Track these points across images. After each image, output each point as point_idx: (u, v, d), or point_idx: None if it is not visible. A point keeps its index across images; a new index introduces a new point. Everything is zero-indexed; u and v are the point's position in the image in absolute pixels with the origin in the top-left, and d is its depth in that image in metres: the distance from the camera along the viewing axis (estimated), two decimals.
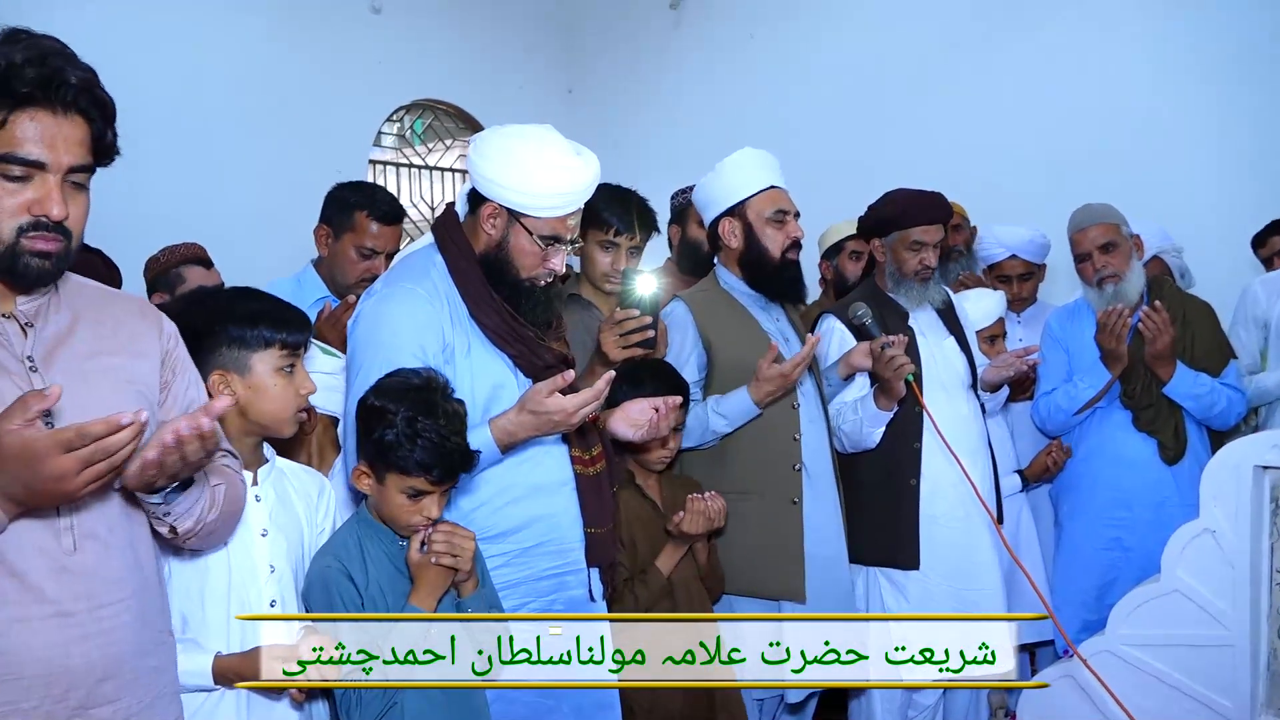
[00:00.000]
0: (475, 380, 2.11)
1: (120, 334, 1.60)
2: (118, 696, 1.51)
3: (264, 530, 1.92)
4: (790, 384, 2.66)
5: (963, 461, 2.79)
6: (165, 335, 1.67)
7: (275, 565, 1.92)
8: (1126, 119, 4.43)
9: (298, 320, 1.99)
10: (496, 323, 2.14)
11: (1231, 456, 2.46)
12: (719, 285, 2.91)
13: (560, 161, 2.11)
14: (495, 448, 2.05)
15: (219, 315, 1.92)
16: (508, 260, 2.15)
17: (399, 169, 5.86)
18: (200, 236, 3.45)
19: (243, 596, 1.87)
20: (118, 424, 1.29)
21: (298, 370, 1.96)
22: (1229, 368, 3.25)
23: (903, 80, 5.06)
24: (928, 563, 2.92)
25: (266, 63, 4.84)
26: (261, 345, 1.91)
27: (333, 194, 2.99)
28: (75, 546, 1.48)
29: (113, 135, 1.52)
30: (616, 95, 6.16)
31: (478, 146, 2.17)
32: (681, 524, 2.50)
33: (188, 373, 1.69)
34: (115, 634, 1.51)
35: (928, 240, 3.05)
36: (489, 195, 2.14)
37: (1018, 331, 3.84)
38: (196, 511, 1.60)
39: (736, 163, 2.85)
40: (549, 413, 1.99)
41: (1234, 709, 2.40)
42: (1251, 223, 3.94)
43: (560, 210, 2.13)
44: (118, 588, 1.53)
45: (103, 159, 1.53)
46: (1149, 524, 3.11)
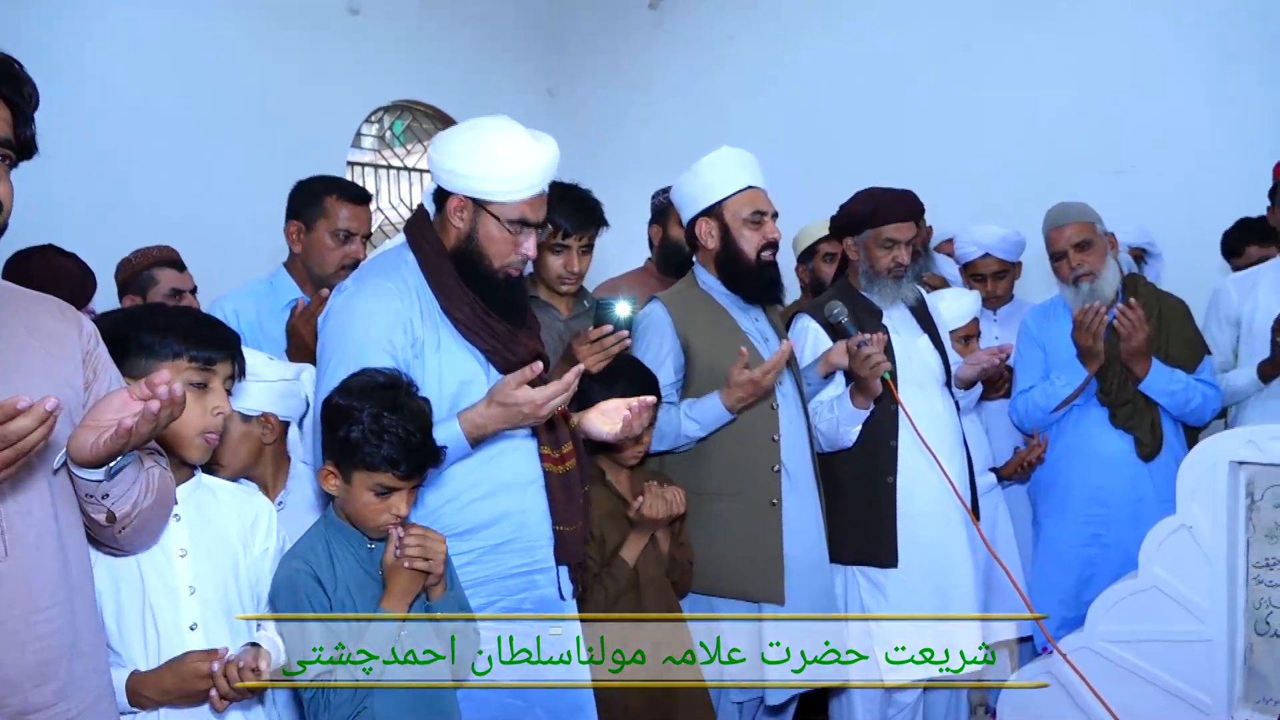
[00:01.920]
0: (444, 375, 2.11)
1: (43, 335, 1.57)
2: (55, 701, 1.50)
3: (183, 550, 1.84)
4: (763, 390, 2.64)
5: (939, 459, 2.79)
6: (85, 335, 1.64)
7: (196, 587, 1.85)
8: (1104, 119, 4.46)
9: (218, 339, 1.92)
10: (468, 315, 2.14)
11: (1207, 452, 2.47)
12: (697, 285, 2.89)
13: (519, 144, 2.13)
14: (464, 441, 2.04)
15: (133, 324, 1.87)
16: (479, 251, 2.15)
17: (378, 170, 5.85)
18: (178, 238, 3.43)
19: (161, 618, 1.81)
20: (13, 408, 1.26)
21: (212, 390, 1.88)
22: (1204, 364, 3.26)
23: (882, 82, 5.08)
24: (906, 560, 2.92)
25: (244, 65, 4.81)
26: (169, 357, 1.84)
27: (296, 190, 2.98)
28: (6, 552, 1.45)
29: (31, 129, 1.50)
30: (597, 96, 6.16)
31: (437, 144, 2.19)
32: (641, 508, 2.50)
33: (109, 372, 1.66)
34: (50, 639, 1.49)
35: (900, 238, 3.05)
36: (453, 189, 2.15)
37: (994, 330, 3.85)
38: (134, 494, 1.58)
39: (714, 162, 2.82)
40: (518, 404, 2.00)
41: (1211, 703, 2.42)
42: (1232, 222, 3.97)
43: (525, 193, 2.13)
44: (51, 593, 1.50)
45: (23, 152, 1.51)
46: (1126, 520, 3.12)
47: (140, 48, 4.46)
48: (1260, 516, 2.42)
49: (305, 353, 2.61)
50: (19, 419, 1.27)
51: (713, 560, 2.71)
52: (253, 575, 1.95)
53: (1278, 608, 2.39)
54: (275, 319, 2.82)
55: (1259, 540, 2.42)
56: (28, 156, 1.52)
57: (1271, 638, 2.39)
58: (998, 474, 3.50)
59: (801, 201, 3.62)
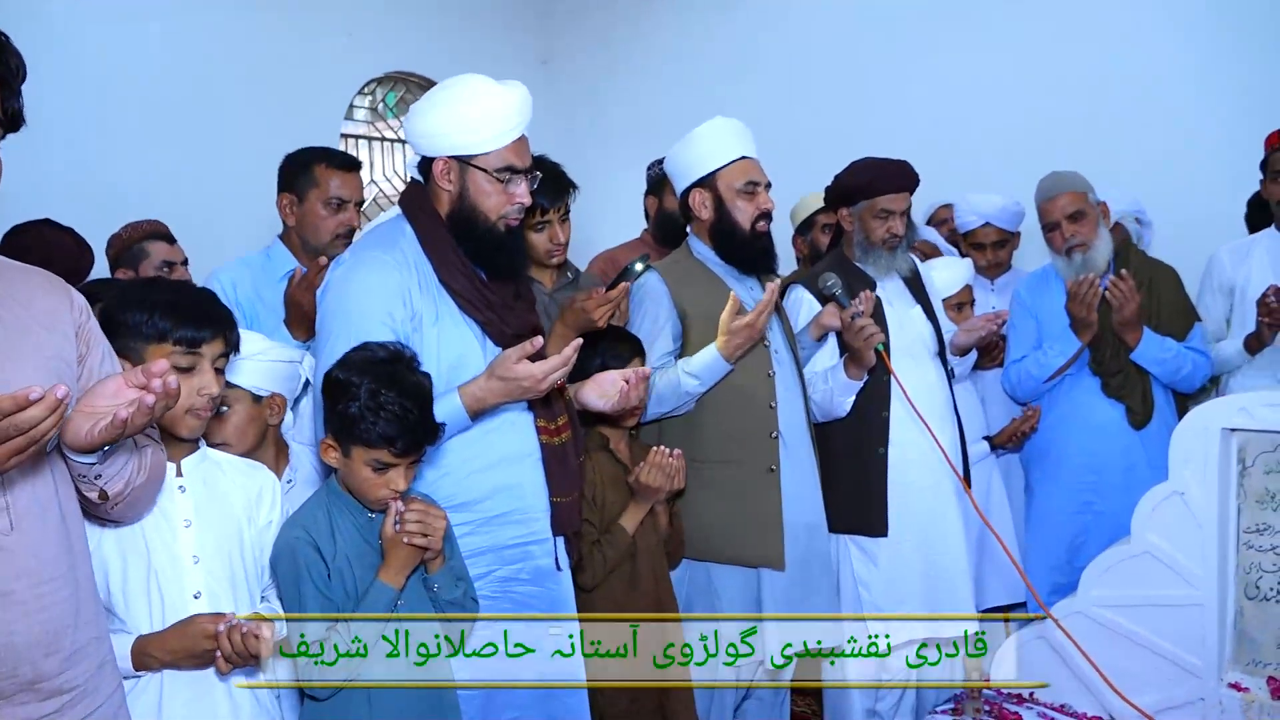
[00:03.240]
0: (442, 348, 2.12)
1: (34, 309, 1.57)
2: (62, 669, 1.52)
3: (187, 521, 1.88)
4: (757, 335, 2.65)
5: (931, 429, 2.81)
6: (76, 308, 1.63)
7: (200, 556, 1.87)
8: (1100, 86, 4.46)
9: (207, 317, 1.90)
10: (466, 287, 2.15)
11: (1199, 420, 2.49)
12: (692, 256, 2.90)
13: (488, 93, 2.15)
14: (465, 414, 2.06)
15: (124, 300, 1.87)
16: (473, 208, 2.16)
17: (371, 142, 5.83)
18: (170, 212, 3.42)
19: (165, 586, 1.84)
20: (25, 399, 1.26)
21: (200, 369, 1.87)
22: (1194, 331, 3.28)
23: (878, 50, 5.06)
24: (896, 529, 2.95)
25: (236, 37, 4.77)
26: (156, 338, 1.84)
27: (285, 162, 2.97)
28: (12, 526, 1.47)
29: (18, 102, 1.49)
30: (592, 66, 6.12)
31: (410, 115, 2.21)
32: (640, 475, 2.51)
33: (100, 345, 1.66)
34: (55, 609, 1.51)
35: (895, 208, 3.05)
36: (435, 153, 2.17)
37: (991, 299, 3.86)
38: (127, 474, 1.59)
39: (706, 133, 2.82)
40: (518, 379, 2.01)
41: (1203, 666, 2.45)
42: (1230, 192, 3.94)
43: (506, 137, 2.15)
44: (55, 564, 1.52)
45: (11, 125, 1.50)
46: (1118, 487, 3.14)
47: (130, 20, 4.42)
48: (1251, 482, 2.44)
49: (305, 321, 2.61)
50: (31, 409, 1.27)
51: (711, 526, 2.73)
52: (256, 547, 1.97)
53: (1268, 572, 2.41)
54: (273, 290, 2.81)
55: (1250, 506, 2.44)
56: (14, 129, 1.52)
57: (1261, 601, 2.42)
58: (991, 443, 3.52)
59: (794, 171, 3.60)
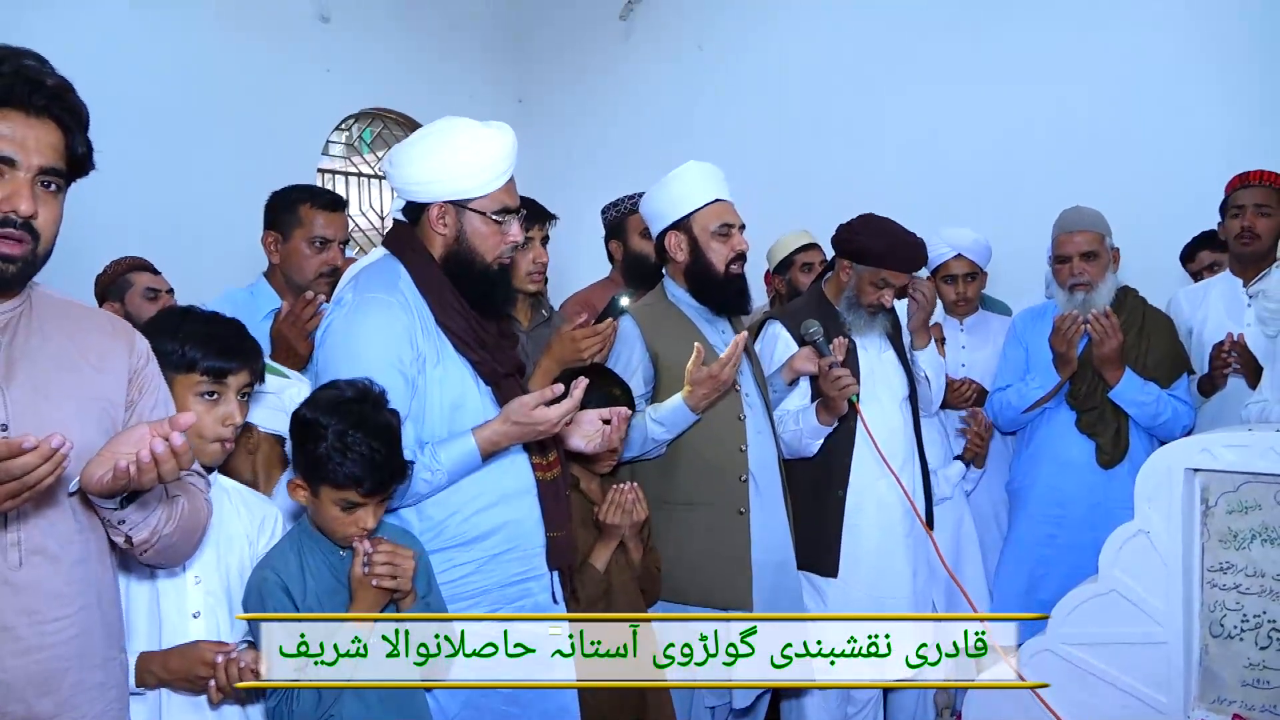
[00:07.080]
0: (444, 389, 2.14)
1: (88, 350, 1.59)
2: (56, 713, 1.51)
3: None
4: (723, 385, 2.67)
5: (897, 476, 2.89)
6: (136, 353, 1.66)
7: (201, 577, 1.90)
8: (1072, 128, 4.50)
9: (237, 350, 1.95)
10: (461, 327, 2.17)
11: (1163, 460, 2.53)
12: (666, 298, 2.93)
13: (478, 135, 2.17)
14: (479, 457, 2.10)
15: (156, 329, 1.90)
16: (471, 250, 2.19)
17: (348, 178, 5.85)
18: (148, 246, 3.43)
19: (165, 605, 1.86)
20: (19, 447, 1.28)
21: (224, 399, 1.93)
22: (1180, 380, 3.32)
23: (850, 92, 5.13)
24: (846, 571, 3.03)
25: (214, 72, 4.78)
26: (185, 367, 1.89)
27: (271, 200, 3.00)
28: (21, 562, 1.47)
29: (86, 146, 1.53)
30: (567, 105, 6.18)
31: (395, 161, 2.21)
32: (602, 515, 2.54)
33: (157, 392, 1.68)
34: (57, 649, 1.51)
35: (895, 283, 3.12)
36: (429, 199, 2.18)
37: (961, 339, 3.90)
38: (153, 522, 1.59)
39: (681, 176, 2.87)
40: (535, 423, 2.07)
41: (1169, 703, 2.47)
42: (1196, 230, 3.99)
43: (500, 180, 2.18)
44: (62, 604, 1.52)
45: (77, 171, 1.53)
46: (1081, 522, 3.20)
47: (109, 55, 4.41)
48: (1214, 522, 2.48)
49: (292, 356, 2.62)
50: (25, 456, 1.29)
51: (682, 568, 2.74)
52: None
53: (1231, 610, 2.45)
54: (257, 328, 2.81)
55: (1213, 545, 2.48)
56: (82, 174, 1.55)
57: (1225, 639, 2.45)
58: (963, 459, 3.55)
59: (769, 210, 3.65)
